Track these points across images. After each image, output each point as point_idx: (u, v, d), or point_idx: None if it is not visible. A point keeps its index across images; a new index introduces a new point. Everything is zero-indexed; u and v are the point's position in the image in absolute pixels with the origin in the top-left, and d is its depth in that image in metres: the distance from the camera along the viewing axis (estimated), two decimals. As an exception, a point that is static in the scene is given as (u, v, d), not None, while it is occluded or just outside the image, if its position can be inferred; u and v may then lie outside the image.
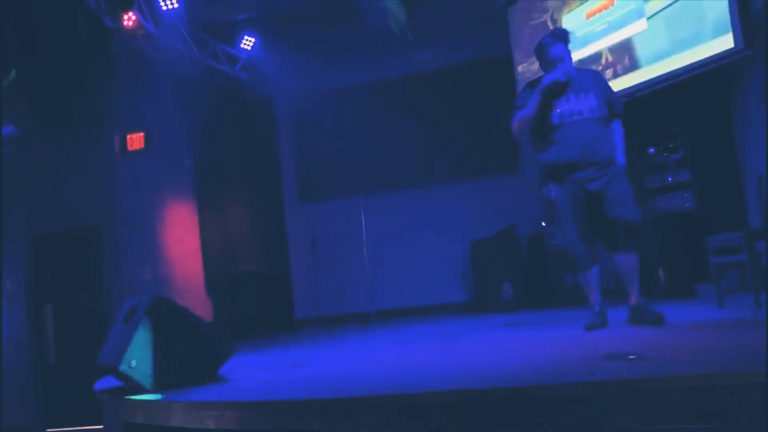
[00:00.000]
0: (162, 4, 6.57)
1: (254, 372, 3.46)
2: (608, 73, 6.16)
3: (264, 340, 6.06)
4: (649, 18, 5.72)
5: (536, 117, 3.74)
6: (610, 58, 6.14)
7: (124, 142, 7.94)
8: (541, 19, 7.03)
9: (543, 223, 6.01)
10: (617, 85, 6.01)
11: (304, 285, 8.29)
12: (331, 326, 7.13)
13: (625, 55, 5.99)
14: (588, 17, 6.41)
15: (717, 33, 5.11)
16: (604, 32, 6.20)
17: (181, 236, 8.04)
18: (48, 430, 7.77)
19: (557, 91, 3.72)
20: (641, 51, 5.82)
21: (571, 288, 6.51)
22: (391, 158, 8.10)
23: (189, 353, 3.16)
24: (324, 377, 3.10)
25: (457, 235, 7.68)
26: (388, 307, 7.52)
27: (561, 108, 3.71)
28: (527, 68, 7.20)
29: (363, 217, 7.48)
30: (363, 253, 7.52)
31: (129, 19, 6.48)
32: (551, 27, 6.86)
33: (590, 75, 3.93)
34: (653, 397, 2.00)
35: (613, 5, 6.11)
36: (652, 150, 6.02)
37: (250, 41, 7.94)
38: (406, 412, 2.23)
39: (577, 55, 6.57)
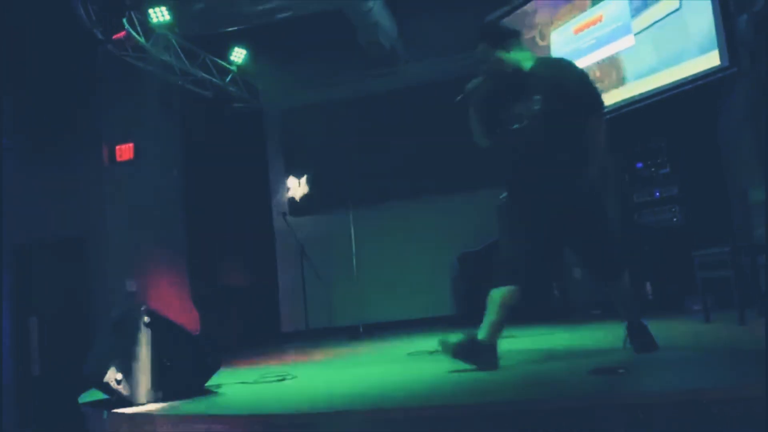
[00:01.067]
0: (152, 16, 6.57)
1: (241, 386, 3.44)
2: (596, 88, 6.22)
3: (250, 354, 6.02)
4: (636, 34, 5.79)
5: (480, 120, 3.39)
6: (597, 74, 6.20)
7: (113, 152, 7.91)
8: (530, 35, 7.09)
9: None
10: (605, 100, 6.06)
11: (292, 298, 8.25)
12: (318, 340, 7.09)
13: (612, 71, 6.05)
14: (576, 33, 6.48)
15: (703, 50, 5.18)
16: (592, 48, 6.27)
17: (168, 248, 8.00)
18: (31, 443, 7.66)
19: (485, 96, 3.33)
20: (629, 67, 5.88)
21: (560, 302, 6.54)
22: (380, 171, 8.12)
23: (176, 366, 3.13)
24: (310, 391, 3.08)
25: (445, 248, 7.69)
26: (376, 321, 7.49)
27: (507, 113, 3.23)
28: (516, 83, 7.26)
29: (352, 230, 7.47)
30: (351, 266, 7.50)
31: (119, 31, 6.47)
32: (540, 43, 6.93)
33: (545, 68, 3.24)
34: (640, 411, 2.01)
35: (601, 21, 6.18)
36: (639, 164, 6.07)
37: (241, 53, 7.96)
38: (392, 426, 2.22)
39: (565, 71, 6.64)
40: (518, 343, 4.14)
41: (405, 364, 3.87)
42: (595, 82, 3.24)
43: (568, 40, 6.57)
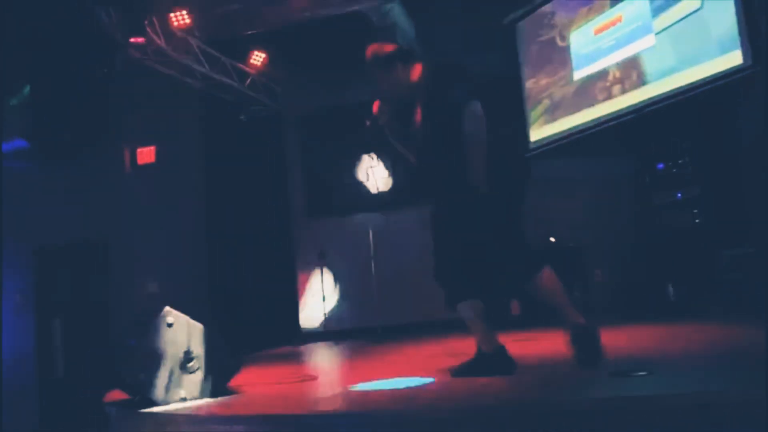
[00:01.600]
0: (173, 20, 6.64)
1: (262, 386, 3.46)
2: (616, 89, 6.18)
3: (270, 355, 6.05)
4: (657, 34, 5.75)
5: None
6: (617, 75, 6.16)
7: (134, 156, 8.01)
8: (549, 36, 7.07)
9: None
10: (625, 101, 6.03)
11: (311, 299, 8.28)
12: (337, 340, 7.11)
13: (633, 72, 6.01)
14: (596, 33, 6.44)
15: (725, 49, 5.13)
16: (612, 48, 6.23)
17: (189, 249, 8.08)
18: (55, 443, 7.77)
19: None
20: (649, 67, 5.84)
21: (580, 304, 6.49)
22: (399, 174, 8.11)
23: (198, 366, 3.17)
24: (330, 391, 3.10)
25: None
26: (394, 323, 7.49)
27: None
28: (535, 84, 7.24)
29: (371, 232, 7.48)
30: (370, 267, 7.51)
31: (140, 36, 6.55)
32: (559, 44, 6.90)
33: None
34: (662, 414, 1.99)
35: (621, 22, 6.14)
36: (660, 165, 6.02)
37: (260, 57, 8.01)
38: (413, 426, 2.23)
39: (584, 72, 6.60)
40: (538, 345, 4.12)
41: (425, 366, 3.86)
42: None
43: (588, 41, 6.53)
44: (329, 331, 7.65)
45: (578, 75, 6.68)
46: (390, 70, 3.16)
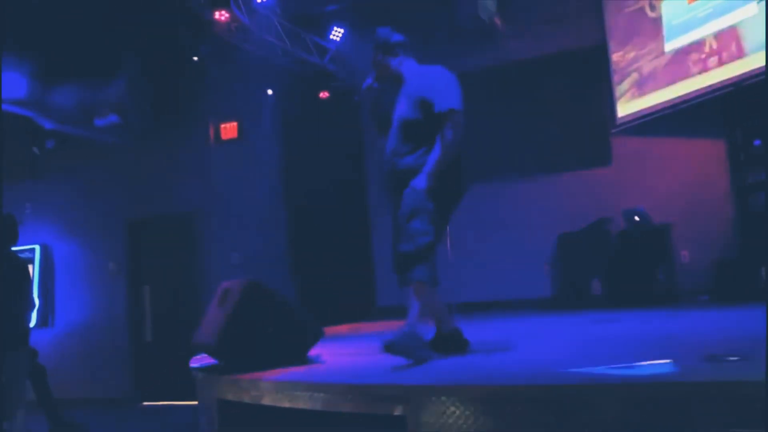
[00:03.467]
0: (256, -4, 6.74)
1: (341, 356, 3.52)
2: (712, 61, 5.84)
3: (347, 327, 6.15)
4: (759, 1, 5.38)
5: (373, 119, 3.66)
6: (714, 46, 5.82)
7: (218, 131, 8.24)
8: (638, 6, 6.75)
9: None
10: (723, 74, 5.70)
11: (388, 273, 8.32)
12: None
13: (731, 42, 5.65)
14: (690, 2, 6.09)
15: (836, 16, 4.75)
16: (709, 17, 5.87)
17: (269, 222, 8.28)
18: (144, 403, 8.22)
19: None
20: (750, 37, 5.47)
21: (665, 286, 6.25)
22: (477, 150, 7.98)
23: (280, 335, 3.25)
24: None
25: (543, 229, 7.50)
26: (469, 300, 7.45)
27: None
28: (622, 57, 6.94)
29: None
30: (446, 243, 7.48)
31: (223, 13, 6.69)
32: (649, 14, 6.58)
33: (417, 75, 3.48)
34: (754, 400, 1.89)
35: (718, -11, 5.79)
36: (757, 142, 5.68)
37: (339, 32, 8.03)
38: (492, 402, 2.21)
39: (676, 43, 6.27)
40: (623, 327, 3.99)
41: (497, 342, 3.83)
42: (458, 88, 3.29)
43: (682, 10, 6.19)
44: (404, 306, 7.68)
45: (670, 47, 6.35)
46: (390, 56, 3.52)
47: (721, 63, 5.74)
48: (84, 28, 6.84)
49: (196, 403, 3.67)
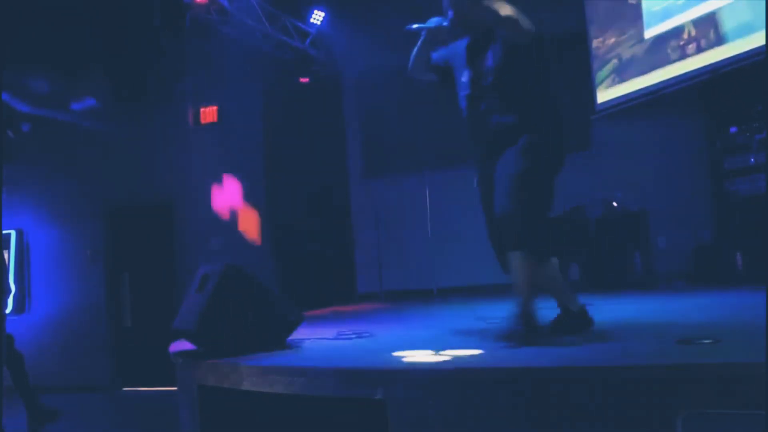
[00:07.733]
0: (235, -22, 6.65)
1: (320, 341, 3.53)
2: (691, 48, 5.88)
3: (327, 313, 6.16)
4: (738, -11, 5.43)
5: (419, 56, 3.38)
6: (693, 32, 5.86)
7: (197, 115, 8.14)
8: (619, -8, 6.77)
9: None
10: (701, 60, 5.75)
11: (367, 260, 8.35)
12: (393, 301, 7.17)
13: (710, 29, 5.71)
14: (670, -11, 6.13)
15: (812, 5, 4.80)
16: (688, 4, 5.92)
17: (249, 208, 8.23)
18: (123, 389, 8.18)
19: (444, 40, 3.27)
20: (728, 25, 5.53)
21: (642, 272, 6.33)
22: (457, 134, 7.99)
23: (259, 320, 3.25)
24: (388, 348, 3.13)
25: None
26: (450, 285, 7.50)
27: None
28: (602, 43, 6.97)
29: (427, 193, 7.45)
30: (426, 229, 7.50)
31: (203, -6, 6.60)
32: (629, 0, 6.60)
33: None
34: (726, 382, 1.94)
35: (697, -24, 5.82)
36: (734, 129, 5.75)
37: (320, 16, 7.97)
38: (471, 386, 2.23)
39: (656, 30, 6.31)
40: (600, 311, 4.04)
41: (482, 327, 3.86)
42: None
43: (660, -3, 6.23)
44: (385, 292, 7.71)
45: (649, 33, 6.38)
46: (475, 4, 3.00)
47: (699, 50, 5.79)
48: (59, 11, 6.71)
49: (176, 388, 3.66)
